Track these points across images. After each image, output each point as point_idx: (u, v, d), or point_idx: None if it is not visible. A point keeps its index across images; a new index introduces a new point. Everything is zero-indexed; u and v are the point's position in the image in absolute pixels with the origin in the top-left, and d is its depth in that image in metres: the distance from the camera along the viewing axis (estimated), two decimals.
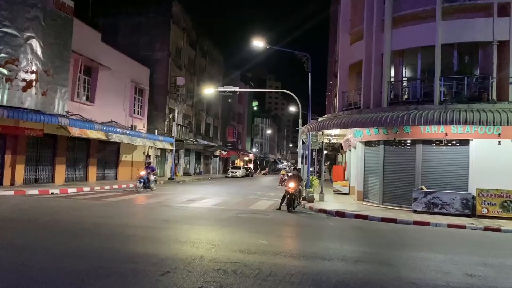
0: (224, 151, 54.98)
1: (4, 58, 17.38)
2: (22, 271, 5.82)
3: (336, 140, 26.33)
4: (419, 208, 15.19)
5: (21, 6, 17.93)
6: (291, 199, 15.09)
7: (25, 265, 6.08)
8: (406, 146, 16.99)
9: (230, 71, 59.33)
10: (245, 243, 8.48)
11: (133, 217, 11.81)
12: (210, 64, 49.63)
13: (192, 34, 42.55)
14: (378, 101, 17.60)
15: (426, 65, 16.90)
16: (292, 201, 15.10)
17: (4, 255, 6.70)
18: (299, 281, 5.91)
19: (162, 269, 6.13)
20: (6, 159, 18.85)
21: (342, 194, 23.20)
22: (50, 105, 19.44)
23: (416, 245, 9.82)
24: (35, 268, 5.97)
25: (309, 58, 21.03)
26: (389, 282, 6.18)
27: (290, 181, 15.44)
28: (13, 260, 6.34)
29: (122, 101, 28.98)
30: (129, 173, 29.84)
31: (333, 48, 39.75)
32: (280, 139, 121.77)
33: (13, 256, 6.61)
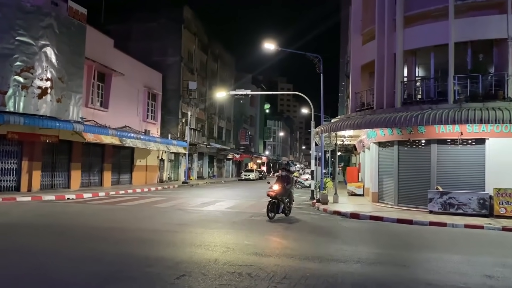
0: (237, 154, 55.05)
1: (20, 66, 17.72)
2: (39, 274, 5.90)
3: (349, 141, 26.17)
4: (435, 209, 15.00)
5: (35, 15, 18.27)
6: (272, 204, 12.90)
7: (42, 269, 6.17)
8: (421, 146, 16.81)
9: (241, 74, 59.49)
10: (259, 246, 8.48)
11: (148, 221, 11.89)
12: (222, 68, 49.82)
13: (204, 39, 42.79)
14: (391, 101, 17.45)
15: (439, 64, 16.71)
16: (275, 206, 12.93)
17: (21, 259, 6.81)
18: (314, 283, 5.88)
19: (177, 272, 6.16)
20: (23, 165, 19.16)
21: (356, 195, 23.04)
22: (65, 112, 19.73)
23: (432, 246, 9.69)
24: (52, 272, 6.05)
25: (321, 60, 20.99)
26: (405, 283, 6.12)
27: (275, 183, 13.54)
28: (30, 264, 6.44)
29: (136, 106, 29.26)
30: (144, 178, 30.07)
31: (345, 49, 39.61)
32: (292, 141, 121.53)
33: (30, 260, 6.71)
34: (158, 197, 20.17)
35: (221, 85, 45.50)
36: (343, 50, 44.98)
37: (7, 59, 17.40)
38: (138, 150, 28.64)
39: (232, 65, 55.80)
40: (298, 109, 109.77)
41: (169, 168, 35.42)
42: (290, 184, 13.85)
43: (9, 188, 18.83)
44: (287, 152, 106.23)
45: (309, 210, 16.43)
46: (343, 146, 29.05)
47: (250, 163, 64.50)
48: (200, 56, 41.90)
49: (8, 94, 17.41)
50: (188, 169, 35.97)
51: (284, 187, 13.33)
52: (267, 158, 77.95)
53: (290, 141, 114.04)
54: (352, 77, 21.33)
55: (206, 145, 42.12)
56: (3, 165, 18.73)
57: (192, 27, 39.07)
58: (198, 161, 42.65)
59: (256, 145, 71.02)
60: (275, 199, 12.96)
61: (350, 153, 38.68)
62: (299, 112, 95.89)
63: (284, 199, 13.22)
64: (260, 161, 71.92)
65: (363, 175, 24.85)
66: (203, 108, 42.86)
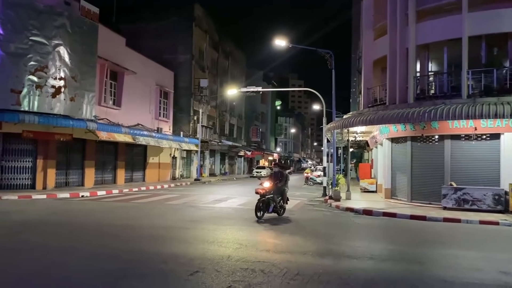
0: (249, 151, 55.10)
1: (34, 66, 17.96)
2: (55, 271, 5.99)
3: (361, 137, 26.02)
4: (449, 205, 14.85)
5: (48, 14, 18.49)
6: (262, 202, 11.85)
7: (55, 267, 6.26)
8: (434, 142, 16.64)
9: (252, 71, 59.46)
10: (272, 242, 8.49)
11: (161, 218, 11.98)
12: (233, 65, 49.85)
13: (215, 36, 42.84)
14: (404, 97, 17.30)
15: (452, 58, 16.50)
16: (264, 205, 11.87)
17: (37, 256, 6.91)
18: (328, 280, 5.87)
19: (190, 269, 6.20)
20: (38, 163, 19.43)
21: (369, 192, 22.91)
22: (78, 110, 19.94)
23: (447, 242, 9.60)
24: (67, 269, 6.14)
25: (332, 55, 20.87)
26: (419, 280, 6.07)
27: (267, 180, 12.62)
28: (45, 262, 6.54)
29: (148, 104, 29.44)
30: (157, 175, 30.28)
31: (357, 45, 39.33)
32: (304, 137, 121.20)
33: (44, 258, 6.81)
34: (170, 194, 20.29)
35: (232, 82, 45.55)
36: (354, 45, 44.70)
37: (21, 59, 17.66)
38: (151, 148, 28.83)
39: (243, 62, 55.79)
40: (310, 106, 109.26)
41: (182, 165, 35.61)
42: (283, 182, 12.67)
43: (25, 186, 19.13)
44: (298, 148, 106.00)
45: (321, 207, 16.39)
46: (355, 142, 28.90)
47: (261, 160, 64.51)
48: (211, 54, 41.97)
49: (23, 94, 17.67)
50: (200, 166, 36.12)
51: (276, 185, 12.31)
52: (278, 154, 77.84)
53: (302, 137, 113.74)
54: (364, 72, 21.18)
55: (218, 142, 42.24)
56: (19, 164, 19.03)
57: (203, 24, 39.14)
58: (210, 158, 42.80)
59: (267, 142, 71.00)
60: (264, 197, 11.90)
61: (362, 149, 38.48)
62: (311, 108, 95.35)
63: (275, 198, 12.12)
64: (271, 158, 71.81)
65: (375, 172, 24.70)
66: (215, 105, 42.97)
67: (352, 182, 22.87)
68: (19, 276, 5.68)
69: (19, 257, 6.81)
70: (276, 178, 12.60)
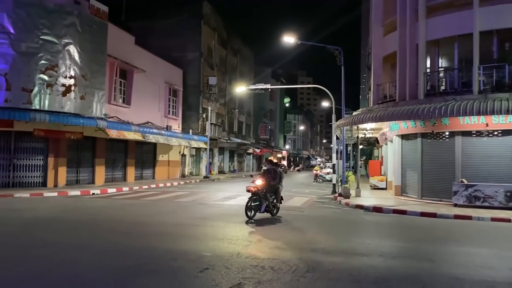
0: (257, 148, 55.09)
1: (44, 65, 18.13)
2: (68, 268, 6.05)
3: (371, 134, 25.89)
4: (459, 202, 14.73)
5: (58, 14, 18.64)
6: (253, 201, 11.22)
7: (67, 264, 6.32)
8: (445, 138, 16.51)
9: (261, 68, 59.34)
10: (281, 240, 8.48)
11: (171, 215, 12.03)
12: (241, 62, 49.83)
13: (223, 34, 42.84)
14: (414, 93, 17.17)
15: (463, 54, 16.34)
16: (256, 203, 11.27)
17: (49, 253, 6.99)
18: (338, 277, 5.86)
19: (200, 265, 6.22)
20: (49, 161, 19.63)
21: (379, 189, 22.81)
22: (89, 108, 20.09)
23: (458, 239, 9.53)
24: (79, 266, 6.19)
25: (341, 52, 20.78)
26: (430, 277, 6.02)
27: (259, 178, 11.91)
28: (60, 258, 6.61)
29: (157, 102, 29.57)
30: (166, 173, 30.42)
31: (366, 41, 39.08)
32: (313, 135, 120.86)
33: (57, 254, 6.88)
34: (180, 191, 20.38)
35: (240, 80, 45.54)
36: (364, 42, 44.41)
37: (32, 58, 17.83)
38: (160, 146, 28.97)
39: (252, 60, 55.74)
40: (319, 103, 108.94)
41: (191, 163, 35.73)
42: (276, 180, 11.97)
43: (36, 184, 19.33)
44: (307, 146, 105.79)
45: (331, 204, 16.35)
46: (365, 139, 28.75)
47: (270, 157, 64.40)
48: (219, 51, 41.99)
49: (34, 92, 17.85)
50: (209, 164, 36.21)
51: (269, 183, 11.63)
52: (287, 152, 77.75)
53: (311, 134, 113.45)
54: (373, 69, 21.04)
55: (227, 140, 42.29)
56: (30, 162, 19.23)
57: (211, 22, 39.16)
58: (219, 156, 42.88)
59: (276, 139, 70.91)
60: (256, 196, 11.25)
61: (372, 146, 38.29)
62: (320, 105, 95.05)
63: (268, 196, 11.46)
64: (280, 155, 71.76)
65: (385, 169, 24.56)
66: (223, 103, 43.00)
67: (361, 179, 22.78)
68: (30, 274, 5.74)
69: (31, 254, 6.89)
70: (269, 176, 11.89)
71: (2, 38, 17.35)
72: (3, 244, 7.62)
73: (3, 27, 17.35)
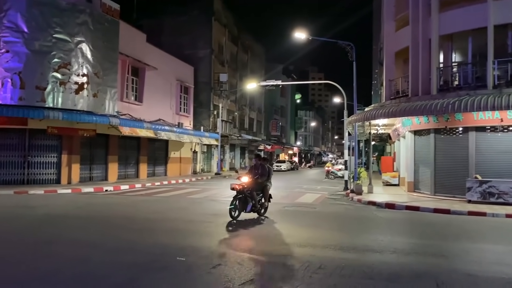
0: (268, 145, 55.07)
1: (57, 63, 18.34)
2: (81, 264, 6.13)
3: (383, 130, 25.70)
4: (473, 198, 14.55)
5: (70, 12, 18.83)
6: (239, 200, 10.42)
7: (83, 259, 6.40)
8: (458, 134, 16.31)
9: (272, 65, 59.24)
10: (293, 236, 8.48)
11: (183, 212, 12.10)
12: (252, 59, 49.79)
13: (233, 30, 42.83)
14: (427, 88, 16.99)
15: (477, 48, 16.09)
16: (240, 203, 10.43)
17: (63, 249, 7.08)
18: (350, 273, 5.84)
19: (212, 262, 6.25)
20: (63, 159, 19.86)
21: (391, 185, 22.64)
22: (101, 106, 20.27)
23: (472, 236, 9.43)
24: (92, 262, 6.27)
25: (353, 47, 20.63)
26: (444, 274, 5.97)
27: (245, 174, 11.17)
28: (72, 254, 6.69)
29: (169, 99, 29.71)
30: (178, 169, 30.60)
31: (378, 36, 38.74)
32: (324, 131, 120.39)
33: (71, 251, 6.97)
34: (192, 188, 20.48)
35: (251, 77, 45.51)
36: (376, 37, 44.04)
37: (45, 56, 18.05)
38: (172, 143, 29.12)
39: (262, 56, 55.65)
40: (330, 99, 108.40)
41: (202, 159, 35.87)
42: (264, 177, 11.13)
43: (50, 181, 19.58)
44: (319, 142, 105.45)
45: (343, 201, 16.29)
46: (377, 135, 28.56)
47: (281, 154, 64.40)
48: (230, 48, 42.00)
49: (47, 90, 18.08)
50: (220, 161, 36.31)
51: (255, 180, 10.87)
52: (298, 148, 77.60)
53: (322, 131, 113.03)
54: (385, 64, 20.86)
55: (238, 136, 42.35)
56: (44, 159, 19.49)
57: (222, 18, 39.17)
58: (230, 153, 42.97)
59: (287, 135, 70.81)
60: (242, 194, 10.47)
61: (384, 142, 38.02)
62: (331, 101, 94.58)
63: (254, 195, 10.64)
64: (291, 152, 71.67)
65: (398, 165, 24.38)
66: (234, 99, 43.05)
67: (374, 175, 22.62)
68: (43, 270, 5.81)
69: (45, 251, 6.98)
70: (256, 172, 11.10)
71: (16, 37, 17.59)
72: (17, 241, 7.74)
73: (17, 26, 17.58)
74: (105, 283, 5.31)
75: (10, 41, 17.55)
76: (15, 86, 17.55)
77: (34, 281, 5.32)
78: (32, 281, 5.32)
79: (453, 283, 5.55)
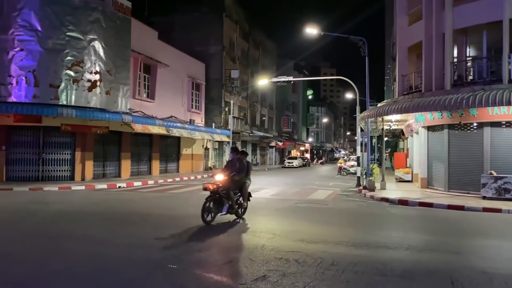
0: (280, 141, 54.98)
1: (70, 61, 18.51)
2: (96, 260, 6.18)
3: (396, 126, 25.49)
4: (488, 194, 14.36)
5: (83, 10, 18.97)
6: (213, 201, 9.21)
7: (98, 255, 6.46)
8: (473, 130, 16.09)
9: (283, 60, 58.97)
10: (305, 233, 8.46)
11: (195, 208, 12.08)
12: (263, 55, 49.69)
13: (245, 26, 42.76)
14: (440, 83, 16.79)
15: (492, 42, 15.84)
16: (215, 204, 9.24)
17: (78, 245, 7.15)
18: (363, 270, 5.81)
19: (225, 257, 6.27)
20: (77, 156, 20.08)
21: (404, 182, 22.47)
22: (114, 103, 20.43)
23: (486, 233, 9.30)
24: (107, 258, 6.33)
25: (365, 42, 20.45)
26: (458, 271, 5.90)
27: (221, 171, 10.02)
28: (87, 250, 6.76)
29: (180, 96, 29.81)
30: (190, 166, 30.74)
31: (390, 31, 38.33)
32: (336, 127, 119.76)
33: (86, 247, 7.04)
34: None
35: (262, 73, 45.43)
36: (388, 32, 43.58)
37: (59, 54, 18.23)
38: (184, 139, 29.25)
39: (274, 52, 55.48)
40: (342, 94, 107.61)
41: (214, 156, 35.98)
42: (242, 173, 9.87)
43: (64, 177, 19.82)
44: (331, 138, 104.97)
45: (355, 197, 16.20)
46: (390, 131, 28.33)
47: (293, 150, 64.27)
48: (241, 44, 41.96)
49: (61, 88, 18.28)
50: None
51: (232, 178, 9.64)
52: (310, 145, 77.34)
53: (334, 127, 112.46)
54: (398, 59, 20.65)
55: (249, 133, 42.35)
56: (58, 156, 19.73)
57: (233, 15, 39.13)
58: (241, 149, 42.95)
59: (299, 132, 70.60)
60: (216, 194, 9.25)
61: (397, 138, 37.71)
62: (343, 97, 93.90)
63: (231, 194, 9.45)
64: (303, 148, 71.45)
65: (411, 161, 24.16)
66: (245, 96, 43.02)
67: (386, 171, 22.46)
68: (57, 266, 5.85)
69: (59, 247, 7.05)
70: (233, 169, 9.86)
71: (30, 36, 17.79)
72: (32, 236, 7.84)
73: (31, 25, 17.78)
74: (119, 279, 5.35)
75: (24, 39, 17.76)
76: (29, 84, 17.78)
77: (47, 276, 5.38)
78: (45, 277, 5.38)
79: (468, 281, 5.47)
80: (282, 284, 5.12)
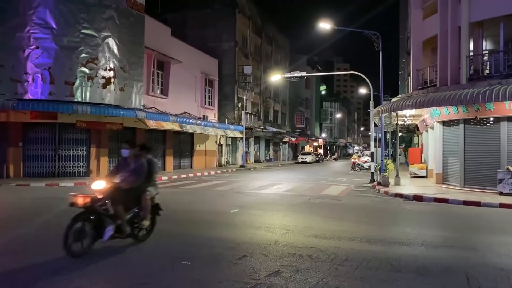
0: (293, 137, 54.88)
1: (85, 58, 18.71)
2: (114, 254, 6.26)
3: (411, 121, 25.22)
4: (505, 190, 14.13)
5: (97, 7, 19.13)
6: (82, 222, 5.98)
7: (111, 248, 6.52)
8: (489, 124, 15.84)
9: (296, 56, 58.76)
10: (319, 228, 8.44)
11: (209, 204, 12.22)
12: (276, 50, 49.54)
13: (257, 22, 42.67)
14: (456, 78, 16.54)
15: (509, 35, 15.55)
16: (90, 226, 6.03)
17: None
18: (377, 266, 5.78)
19: (239, 253, 6.29)
20: (92, 152, 20.32)
21: (419, 177, 22.25)
22: (128, 100, 20.60)
23: (503, 229, 9.16)
24: (124, 251, 6.40)
25: (379, 37, 20.24)
26: (474, 267, 5.83)
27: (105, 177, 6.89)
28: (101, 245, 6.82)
29: (194, 92, 29.93)
30: (203, 162, 30.88)
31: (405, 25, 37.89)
32: (350, 122, 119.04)
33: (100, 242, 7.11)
34: (217, 180, 20.64)
35: (275, 68, 45.32)
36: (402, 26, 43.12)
37: (73, 52, 18.44)
38: (197, 135, 29.37)
39: (287, 48, 55.28)
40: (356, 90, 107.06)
41: (227, 152, 36.07)
42: (139, 178, 6.78)
43: (80, 173, 20.08)
44: (344, 134, 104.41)
45: (369, 193, 16.10)
46: (405, 126, 28.05)
47: (306, 146, 64.11)
48: (254, 40, 41.89)
49: (76, 85, 18.49)
50: (245, 153, 36.43)
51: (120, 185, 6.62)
52: (323, 140, 77.06)
53: (348, 122, 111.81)
54: (413, 53, 20.40)
55: (262, 129, 42.35)
56: (74, 152, 20.00)
57: (246, 10, 39.05)
58: (254, 145, 43.04)
59: (312, 127, 70.36)
60: (92, 212, 6.12)
61: (412, 133, 37.33)
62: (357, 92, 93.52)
63: (119, 211, 6.30)
64: (316, 144, 71.22)
65: (426, 156, 23.91)
66: (258, 92, 42.99)
67: (401, 167, 22.28)
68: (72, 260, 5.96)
69: None
70: (124, 172, 6.84)
71: (45, 33, 18.02)
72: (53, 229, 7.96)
73: (46, 23, 18.00)
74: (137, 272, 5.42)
75: (39, 37, 18.00)
76: (45, 81, 18.02)
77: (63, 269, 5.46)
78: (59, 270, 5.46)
79: (484, 277, 5.40)
80: (296, 280, 5.13)
